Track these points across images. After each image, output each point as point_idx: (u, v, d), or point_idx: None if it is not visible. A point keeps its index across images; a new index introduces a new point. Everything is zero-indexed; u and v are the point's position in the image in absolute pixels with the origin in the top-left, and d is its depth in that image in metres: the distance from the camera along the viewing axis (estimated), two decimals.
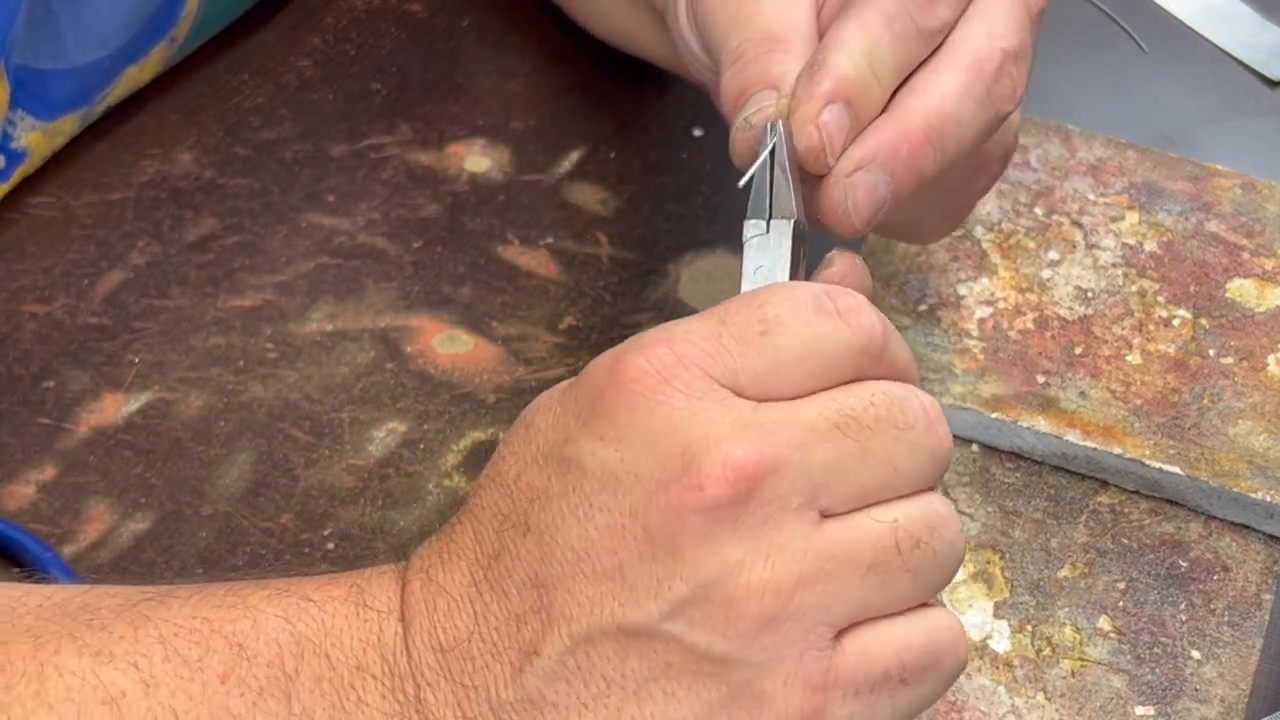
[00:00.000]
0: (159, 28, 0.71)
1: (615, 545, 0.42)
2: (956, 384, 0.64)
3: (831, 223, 0.52)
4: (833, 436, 0.43)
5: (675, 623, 0.42)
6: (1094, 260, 0.69)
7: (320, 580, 0.47)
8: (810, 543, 0.42)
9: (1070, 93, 0.79)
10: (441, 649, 0.44)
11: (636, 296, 0.69)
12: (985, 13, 0.55)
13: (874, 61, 0.52)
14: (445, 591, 0.44)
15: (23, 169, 0.69)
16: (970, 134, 0.54)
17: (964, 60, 0.54)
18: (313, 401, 0.65)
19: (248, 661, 0.44)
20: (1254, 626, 0.59)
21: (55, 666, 0.44)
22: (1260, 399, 0.64)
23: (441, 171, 0.73)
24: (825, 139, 0.52)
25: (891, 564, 0.43)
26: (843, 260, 0.50)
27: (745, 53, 0.54)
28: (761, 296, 0.45)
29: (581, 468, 0.43)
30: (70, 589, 0.48)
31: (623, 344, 0.44)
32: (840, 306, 0.44)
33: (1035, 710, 0.57)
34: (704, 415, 0.43)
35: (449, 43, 0.79)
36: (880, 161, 0.52)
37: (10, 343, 0.66)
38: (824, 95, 0.52)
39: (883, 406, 0.44)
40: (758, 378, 0.44)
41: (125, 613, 0.45)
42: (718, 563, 0.42)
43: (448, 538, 0.46)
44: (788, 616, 0.42)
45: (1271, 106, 0.80)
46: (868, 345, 0.44)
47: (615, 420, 0.43)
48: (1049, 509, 0.62)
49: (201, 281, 0.69)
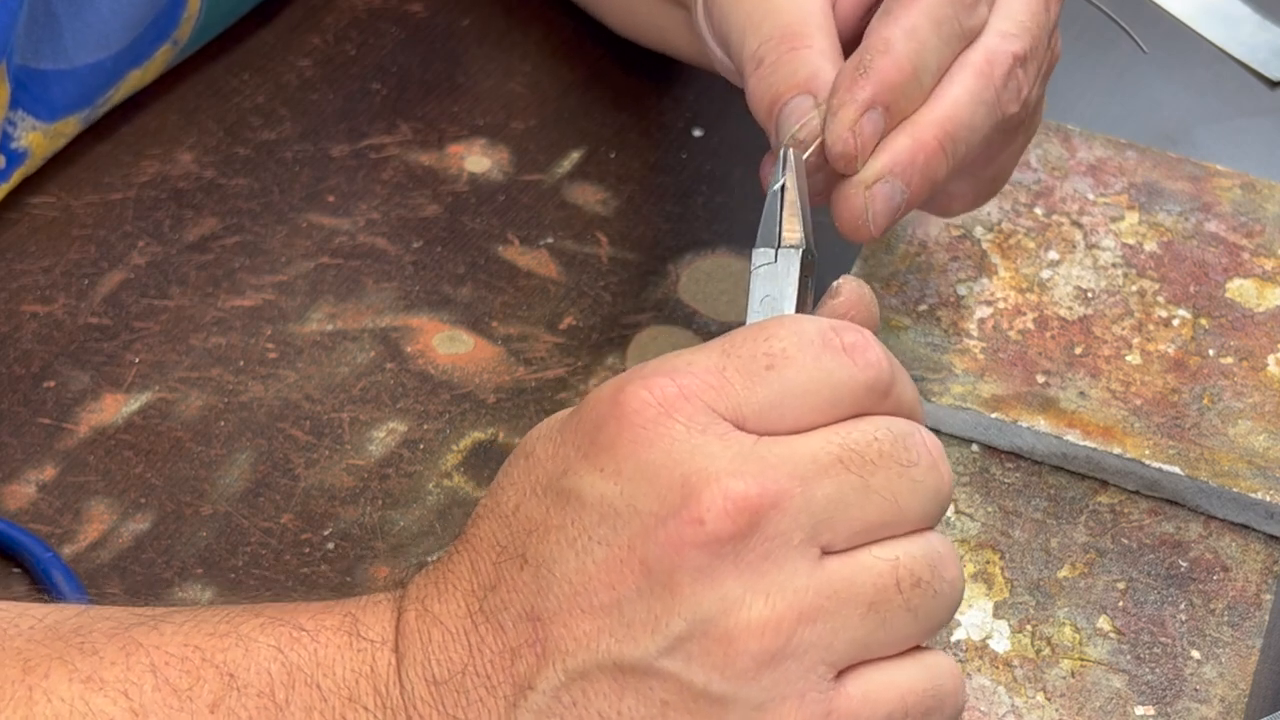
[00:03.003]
0: (161, 30, 0.71)
1: (613, 579, 0.42)
2: (956, 384, 0.64)
3: (849, 230, 0.52)
4: (835, 471, 0.42)
5: (673, 660, 0.41)
6: (1094, 260, 0.69)
7: (315, 608, 0.46)
8: (812, 579, 0.42)
9: (1070, 93, 0.79)
10: (435, 681, 0.43)
11: (636, 296, 0.69)
12: (1003, 9, 0.55)
13: (919, 67, 0.52)
14: (440, 623, 0.44)
15: (23, 170, 0.69)
16: (979, 137, 0.54)
17: (975, 65, 0.53)
18: (313, 401, 0.65)
19: (238, 691, 0.44)
20: (1254, 626, 0.59)
21: (44, 691, 0.44)
22: (1260, 399, 0.64)
23: (441, 171, 0.73)
24: (859, 146, 0.52)
25: (892, 603, 0.42)
26: (849, 289, 0.49)
27: (766, 55, 0.54)
28: (768, 329, 0.44)
29: (580, 500, 0.42)
30: (65, 610, 0.47)
31: (624, 374, 0.44)
32: (847, 342, 0.44)
33: (1035, 710, 0.57)
34: (705, 449, 0.42)
35: (449, 43, 0.79)
36: (898, 172, 0.52)
37: (10, 343, 0.66)
38: (865, 102, 0.51)
39: (887, 442, 0.43)
40: (761, 412, 0.43)
41: (117, 637, 0.45)
42: (717, 599, 0.41)
43: (444, 568, 0.45)
44: (788, 655, 0.41)
45: (1271, 106, 0.80)
46: (875, 382, 0.44)
47: (615, 452, 0.42)
48: (1049, 509, 0.62)
49: (202, 281, 0.69)
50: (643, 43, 0.75)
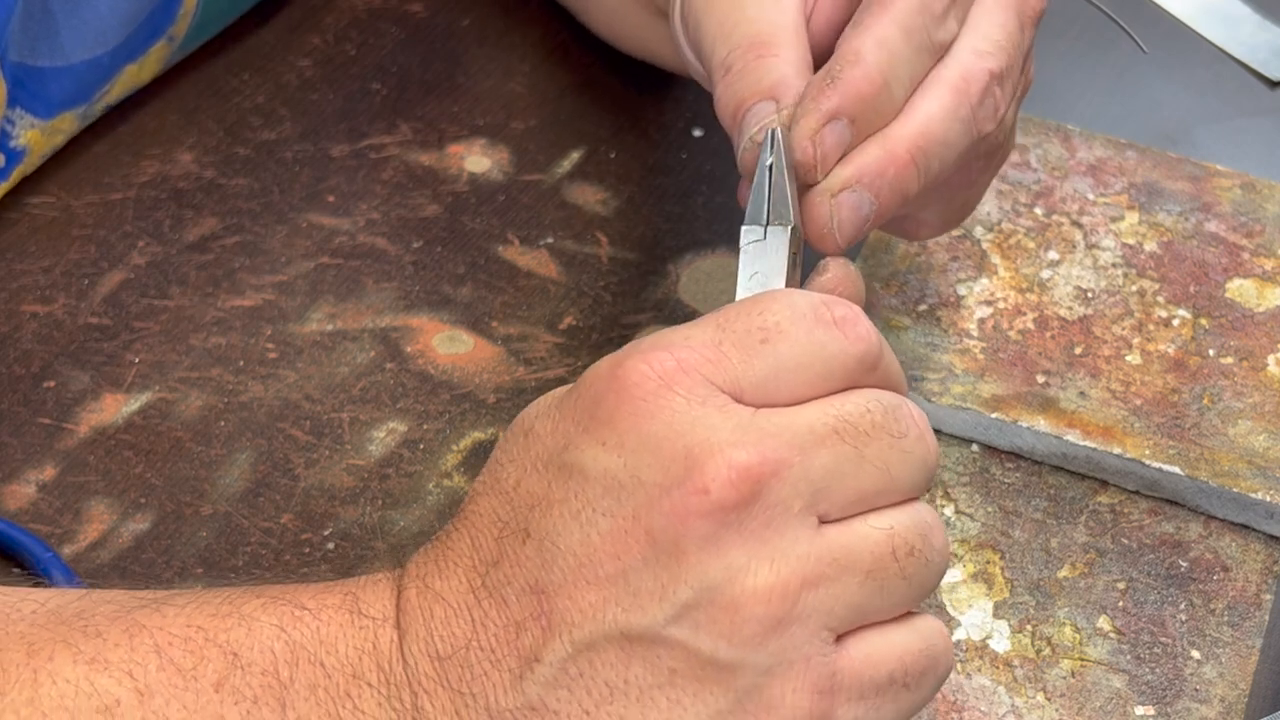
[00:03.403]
0: (157, 26, 0.71)
1: (618, 550, 0.42)
2: (956, 384, 0.64)
3: (815, 239, 0.53)
4: (831, 441, 0.43)
5: (680, 627, 0.42)
6: (1094, 260, 0.69)
7: (315, 588, 0.47)
8: (813, 546, 0.43)
9: (1070, 93, 0.79)
10: (439, 657, 0.44)
11: (636, 296, 0.69)
12: (977, 28, 0.55)
13: (890, 78, 0.52)
14: (442, 599, 0.44)
15: (22, 168, 0.69)
16: (954, 154, 0.54)
17: (950, 81, 0.54)
18: (313, 401, 0.65)
19: (242, 670, 0.44)
20: (1254, 626, 0.59)
21: (49, 674, 0.44)
22: (1260, 399, 0.65)
23: (441, 171, 0.73)
24: (819, 156, 0.52)
25: (889, 570, 0.43)
26: (836, 267, 0.51)
27: (734, 63, 0.54)
28: (762, 303, 0.45)
29: (583, 473, 0.43)
30: (66, 594, 0.48)
31: (622, 350, 0.44)
32: (837, 316, 0.45)
33: (1035, 710, 0.57)
34: (705, 420, 0.43)
35: (449, 43, 0.79)
36: (866, 183, 0.52)
37: (10, 343, 0.66)
38: (828, 112, 0.52)
39: (878, 414, 0.44)
40: (758, 384, 0.44)
41: (120, 619, 0.45)
42: (722, 566, 0.42)
43: (443, 545, 0.45)
44: (793, 620, 0.42)
45: (1271, 106, 0.80)
46: (865, 355, 0.45)
47: (616, 425, 0.43)
48: (1049, 509, 0.62)
49: (201, 281, 0.69)
50: (624, 49, 0.75)
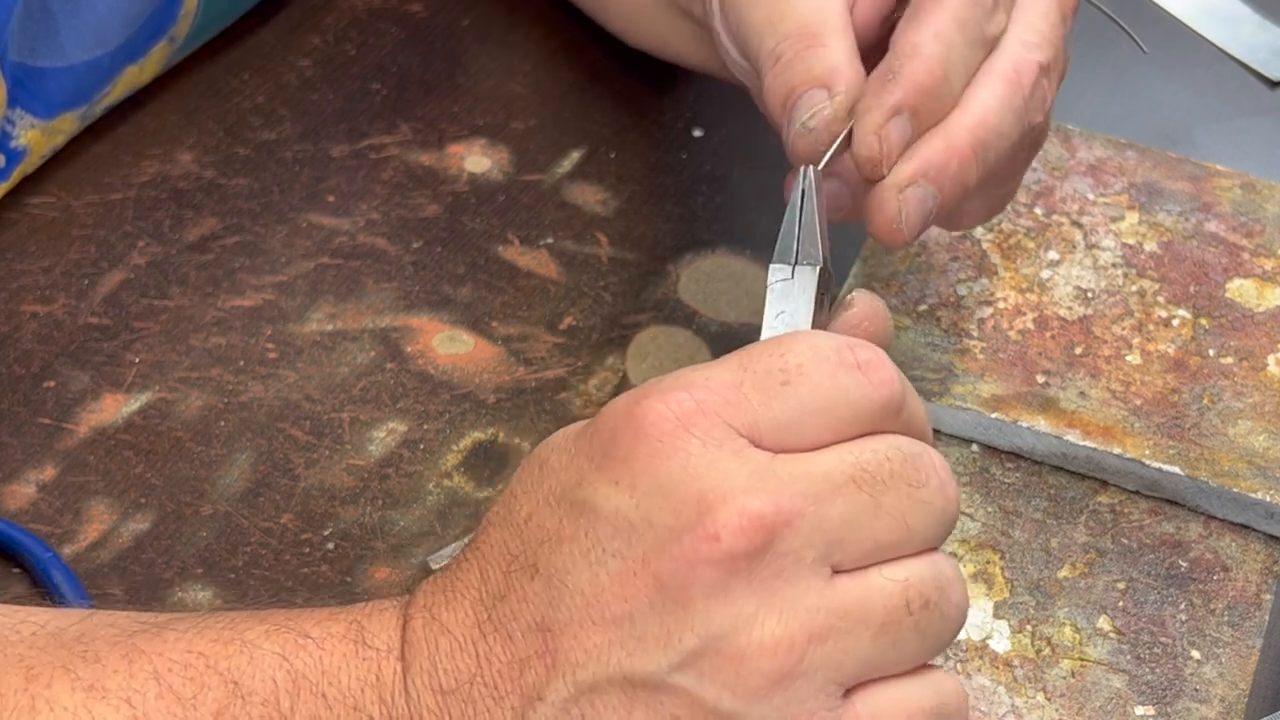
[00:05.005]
0: (158, 26, 0.71)
1: (626, 592, 0.42)
2: (956, 384, 0.64)
3: (882, 235, 0.53)
4: (848, 490, 0.42)
5: (684, 675, 0.41)
6: (1094, 260, 0.69)
7: (320, 614, 0.46)
8: (823, 598, 0.42)
9: (1070, 93, 0.79)
10: (442, 691, 0.43)
11: (636, 297, 0.69)
12: (1024, 20, 0.55)
13: (949, 71, 0.53)
14: (448, 631, 0.44)
15: (22, 168, 0.69)
16: (1007, 145, 0.54)
17: (1003, 73, 0.54)
18: (313, 401, 0.65)
19: (242, 699, 0.44)
20: (1254, 626, 0.59)
21: (47, 700, 0.43)
22: (1260, 399, 0.64)
23: (441, 171, 0.73)
24: (885, 151, 0.52)
25: (902, 624, 0.42)
26: (864, 300, 0.49)
27: (784, 52, 0.54)
28: (784, 345, 0.44)
29: (595, 511, 0.42)
30: (68, 615, 0.47)
31: (641, 387, 0.44)
32: (861, 360, 0.44)
33: (1035, 710, 0.57)
34: (721, 465, 0.42)
35: (449, 43, 0.79)
36: (931, 176, 0.52)
37: (10, 343, 0.66)
38: (892, 107, 0.52)
39: (897, 462, 0.43)
40: (777, 427, 0.43)
41: (120, 644, 0.45)
42: (730, 616, 0.41)
43: (453, 575, 0.45)
44: (799, 674, 0.41)
45: (1271, 106, 0.80)
46: (888, 400, 0.44)
47: (631, 465, 0.42)
48: (1049, 509, 0.62)
49: (201, 281, 0.69)
50: (644, 48, 0.75)
